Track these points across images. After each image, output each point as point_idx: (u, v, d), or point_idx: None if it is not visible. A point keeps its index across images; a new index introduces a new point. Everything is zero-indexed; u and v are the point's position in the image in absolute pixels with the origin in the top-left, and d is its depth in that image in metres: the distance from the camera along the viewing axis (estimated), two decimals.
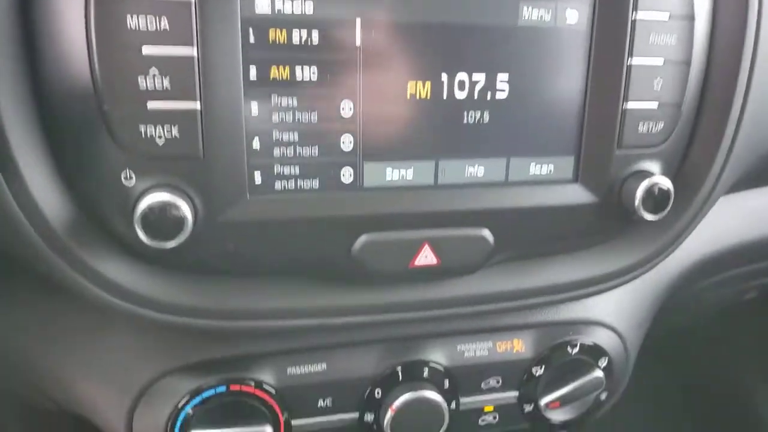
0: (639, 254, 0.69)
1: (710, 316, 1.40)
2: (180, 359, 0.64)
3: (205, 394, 0.64)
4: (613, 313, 0.78)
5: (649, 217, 0.62)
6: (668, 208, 0.63)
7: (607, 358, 0.76)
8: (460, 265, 0.63)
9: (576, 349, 0.74)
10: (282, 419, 0.66)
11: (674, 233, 0.69)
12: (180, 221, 0.51)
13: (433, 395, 0.69)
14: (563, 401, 0.74)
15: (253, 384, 0.65)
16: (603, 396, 0.77)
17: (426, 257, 0.61)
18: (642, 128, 0.62)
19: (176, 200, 0.51)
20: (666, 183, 0.62)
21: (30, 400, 0.76)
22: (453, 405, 0.72)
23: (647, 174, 0.63)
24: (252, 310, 0.60)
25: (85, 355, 0.66)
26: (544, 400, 0.74)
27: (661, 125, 0.62)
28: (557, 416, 0.76)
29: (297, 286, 0.62)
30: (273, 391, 0.65)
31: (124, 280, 0.56)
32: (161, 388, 0.64)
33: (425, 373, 0.70)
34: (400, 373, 0.69)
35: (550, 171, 0.63)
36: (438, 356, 0.71)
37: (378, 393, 0.69)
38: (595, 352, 0.75)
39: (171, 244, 0.52)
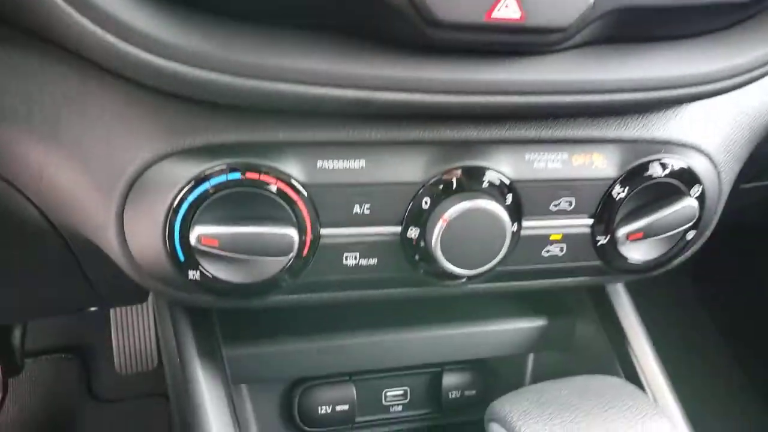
0: (756, 50, 0.55)
1: None
2: (183, 139, 0.51)
3: (214, 181, 0.50)
4: (709, 139, 0.63)
5: None
6: None
7: (701, 187, 0.62)
8: (549, 24, 0.48)
9: (667, 171, 0.60)
10: (309, 223, 0.53)
11: None
12: None
13: (495, 207, 0.56)
14: (647, 233, 0.61)
15: (274, 174, 0.52)
16: (690, 235, 0.64)
17: (507, 6, 0.46)
18: None
19: None
20: None
21: (5, 207, 0.63)
22: (515, 227, 0.58)
23: None
24: (274, 66, 0.46)
25: (63, 134, 0.52)
26: (623, 230, 0.60)
27: None
28: (635, 253, 0.63)
29: (334, 43, 0.48)
30: (298, 185, 0.52)
31: (116, 7, 0.43)
32: (158, 174, 0.51)
33: (484, 184, 0.57)
34: (454, 181, 0.56)
35: None
36: (501, 164, 0.57)
37: (426, 203, 0.56)
38: (687, 177, 0.61)
39: None
